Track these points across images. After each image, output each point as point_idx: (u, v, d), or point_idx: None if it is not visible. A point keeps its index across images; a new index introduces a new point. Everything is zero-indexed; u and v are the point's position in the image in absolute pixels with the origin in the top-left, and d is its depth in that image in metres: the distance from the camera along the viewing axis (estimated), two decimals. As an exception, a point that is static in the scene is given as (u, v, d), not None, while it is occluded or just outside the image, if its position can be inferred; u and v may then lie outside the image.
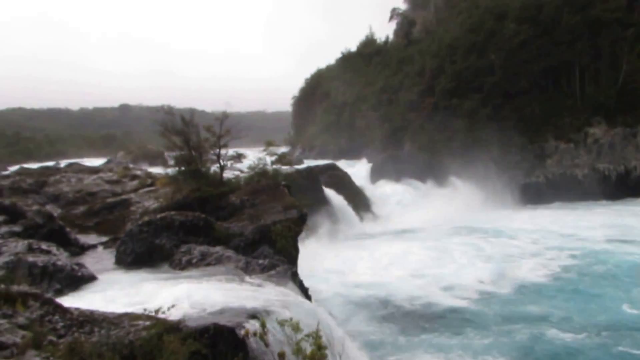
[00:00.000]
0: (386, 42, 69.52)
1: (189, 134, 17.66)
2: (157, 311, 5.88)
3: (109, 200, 18.56)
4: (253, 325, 5.89)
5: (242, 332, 5.69)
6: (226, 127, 18.00)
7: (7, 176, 22.74)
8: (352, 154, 49.99)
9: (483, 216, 30.85)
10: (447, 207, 32.65)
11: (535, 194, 36.31)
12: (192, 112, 21.09)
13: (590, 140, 37.61)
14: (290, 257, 13.24)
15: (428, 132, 42.54)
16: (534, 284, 16.90)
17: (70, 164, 29.17)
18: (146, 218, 13.45)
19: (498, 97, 40.48)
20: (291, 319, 5.20)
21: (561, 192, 35.89)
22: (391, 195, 34.91)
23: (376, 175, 38.42)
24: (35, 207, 14.01)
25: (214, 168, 18.07)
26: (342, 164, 38.51)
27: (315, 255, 20.63)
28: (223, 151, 18.04)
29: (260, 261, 10.79)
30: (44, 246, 11.08)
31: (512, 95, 40.43)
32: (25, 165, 38.16)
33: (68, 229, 14.24)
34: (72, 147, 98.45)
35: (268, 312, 6.98)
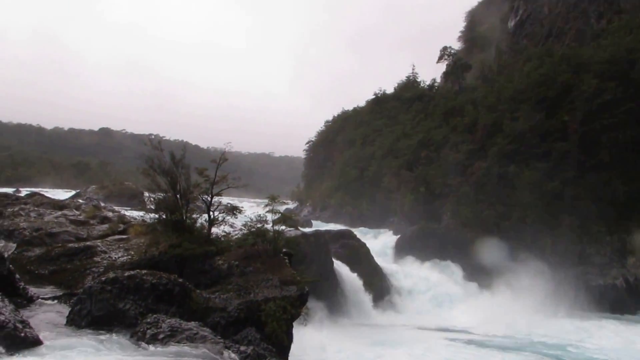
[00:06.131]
0: (432, 86, 71.73)
1: (177, 176, 18.67)
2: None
3: (71, 245, 19.32)
4: None
5: None
6: (223, 173, 19.01)
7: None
8: (374, 221, 50.18)
9: (544, 324, 29.75)
10: (494, 306, 32.09)
11: (613, 300, 35.02)
12: (184, 147, 22.36)
13: (692, 238, 35.92)
14: (280, 346, 13.61)
15: (475, 204, 42.53)
16: None
17: (32, 194, 30.55)
18: (111, 274, 14.11)
19: (570, 169, 39.97)
20: None
21: (648, 303, 34.43)
22: (419, 281, 34.65)
23: (403, 252, 38.41)
24: (-16, 245, 14.90)
25: (202, 221, 18.87)
26: (360, 233, 38.84)
27: (311, 347, 20.62)
28: (215, 200, 18.93)
29: (243, 347, 11.25)
30: (-15, 294, 11.65)
31: (589, 168, 39.89)
32: (-20, 190, 39.78)
33: (18, 276, 14.94)
34: (39, 172, 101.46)
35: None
